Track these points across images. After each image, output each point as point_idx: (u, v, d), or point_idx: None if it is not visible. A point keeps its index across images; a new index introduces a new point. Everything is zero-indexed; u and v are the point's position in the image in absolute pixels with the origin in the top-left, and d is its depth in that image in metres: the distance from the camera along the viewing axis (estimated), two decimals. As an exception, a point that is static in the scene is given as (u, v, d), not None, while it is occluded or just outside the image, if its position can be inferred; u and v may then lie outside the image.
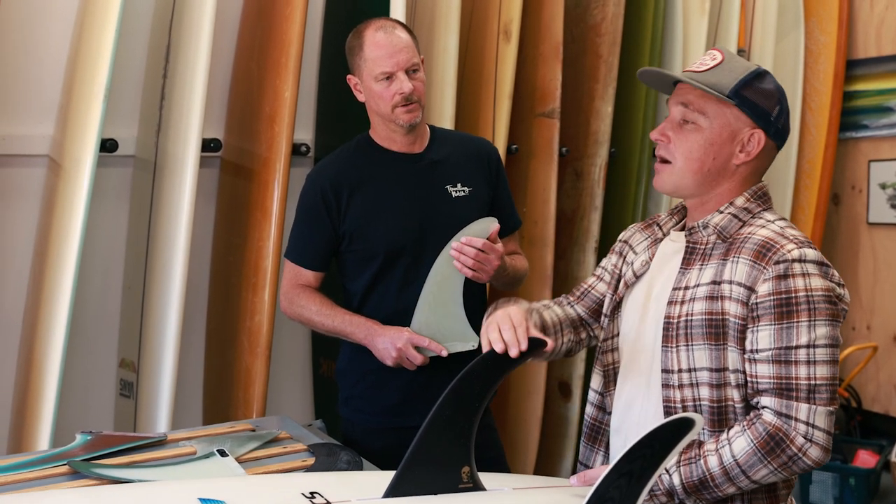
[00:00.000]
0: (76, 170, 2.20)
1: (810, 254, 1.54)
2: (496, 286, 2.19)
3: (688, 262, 1.65)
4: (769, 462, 1.51)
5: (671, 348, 1.61)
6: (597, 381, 1.79)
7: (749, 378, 1.56)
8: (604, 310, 1.80)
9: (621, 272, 1.79)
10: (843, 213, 4.26)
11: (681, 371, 1.60)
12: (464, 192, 2.13)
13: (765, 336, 1.53)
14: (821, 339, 1.52)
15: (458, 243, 1.96)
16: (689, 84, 1.62)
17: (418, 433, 1.43)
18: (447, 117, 2.71)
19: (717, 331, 1.57)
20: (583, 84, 3.20)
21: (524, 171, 3.08)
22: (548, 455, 3.23)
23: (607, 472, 1.14)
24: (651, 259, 1.73)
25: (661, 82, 1.76)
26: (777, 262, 1.53)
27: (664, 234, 1.75)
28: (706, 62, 1.64)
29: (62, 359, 2.14)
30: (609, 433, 1.75)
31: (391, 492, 1.43)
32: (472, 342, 2.01)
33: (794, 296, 1.52)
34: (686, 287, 1.62)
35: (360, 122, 2.19)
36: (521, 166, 3.07)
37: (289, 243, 2.18)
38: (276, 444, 1.90)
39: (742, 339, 1.56)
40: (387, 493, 1.43)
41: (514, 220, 2.26)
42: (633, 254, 1.78)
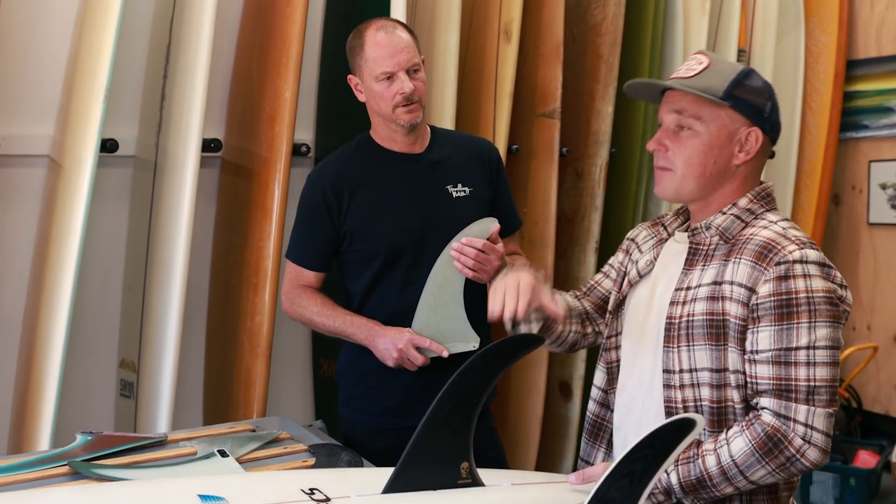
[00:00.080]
0: (76, 170, 2.20)
1: (812, 255, 1.54)
2: (497, 286, 2.18)
3: (690, 263, 1.65)
4: (767, 463, 1.51)
5: (673, 348, 1.61)
6: (600, 377, 1.79)
7: (749, 379, 1.55)
8: (608, 307, 1.81)
9: (627, 270, 1.79)
10: (843, 214, 4.26)
11: (682, 371, 1.60)
12: (464, 192, 2.13)
13: (765, 337, 1.53)
14: (821, 340, 1.51)
15: (459, 244, 1.96)
16: (681, 90, 1.62)
17: (417, 429, 1.44)
18: (447, 117, 2.70)
19: (717, 331, 1.57)
20: (583, 84, 3.20)
21: (525, 171, 3.07)
22: (548, 455, 3.23)
23: (608, 473, 1.14)
24: (656, 259, 1.73)
25: (649, 92, 1.75)
26: (778, 263, 1.53)
27: (669, 235, 1.75)
28: (693, 67, 1.63)
29: (62, 359, 2.13)
30: (611, 430, 1.75)
31: (390, 488, 1.44)
32: (473, 343, 2.01)
33: (794, 297, 1.52)
34: (688, 288, 1.62)
35: (361, 122, 2.19)
36: (521, 166, 3.07)
37: (289, 244, 2.17)
38: (276, 445, 1.90)
39: (742, 340, 1.56)
40: (386, 489, 1.44)
41: (515, 221, 2.26)
42: (639, 252, 1.78)
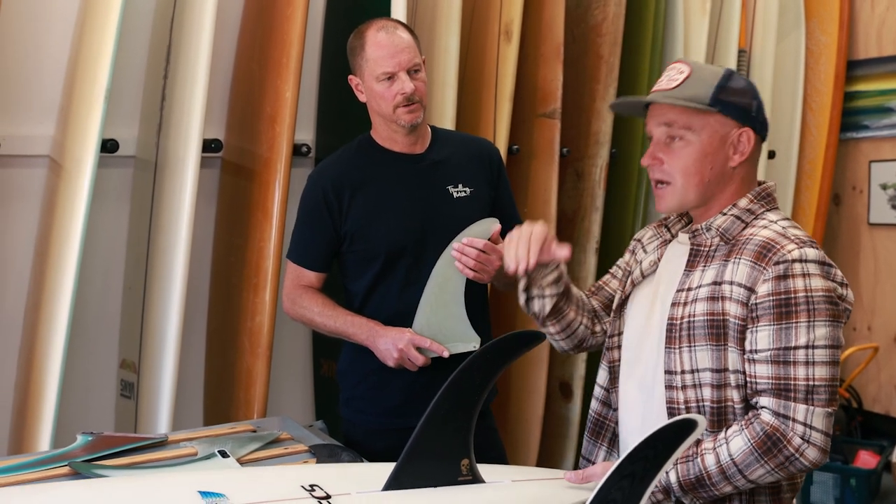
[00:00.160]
0: (77, 170, 2.20)
1: (811, 253, 1.54)
2: (497, 287, 2.18)
3: (692, 265, 1.65)
4: (766, 462, 1.51)
5: (674, 349, 1.61)
6: (602, 376, 1.80)
7: (748, 378, 1.56)
8: (613, 306, 1.81)
9: (631, 270, 1.79)
10: (843, 214, 4.26)
11: (683, 372, 1.60)
12: (465, 192, 2.12)
13: (764, 336, 1.53)
14: (820, 339, 1.51)
15: (460, 244, 1.96)
16: (667, 103, 1.61)
17: (418, 426, 1.44)
18: (448, 118, 2.70)
19: (718, 331, 1.57)
20: (584, 84, 3.20)
21: (525, 171, 3.07)
22: (548, 455, 3.23)
23: (610, 473, 1.14)
24: (659, 260, 1.73)
25: (633, 108, 1.75)
26: (777, 263, 1.53)
27: (672, 236, 1.75)
28: (675, 77, 1.63)
29: (63, 359, 2.13)
30: (612, 429, 1.76)
31: (391, 484, 1.44)
32: (473, 343, 2.01)
33: (793, 296, 1.52)
34: (689, 289, 1.62)
35: (362, 122, 2.19)
36: (521, 167, 3.07)
37: (290, 244, 2.17)
38: (277, 445, 1.90)
39: (741, 340, 1.56)
40: (386, 486, 1.44)
41: (516, 221, 2.25)
42: (644, 253, 1.79)
